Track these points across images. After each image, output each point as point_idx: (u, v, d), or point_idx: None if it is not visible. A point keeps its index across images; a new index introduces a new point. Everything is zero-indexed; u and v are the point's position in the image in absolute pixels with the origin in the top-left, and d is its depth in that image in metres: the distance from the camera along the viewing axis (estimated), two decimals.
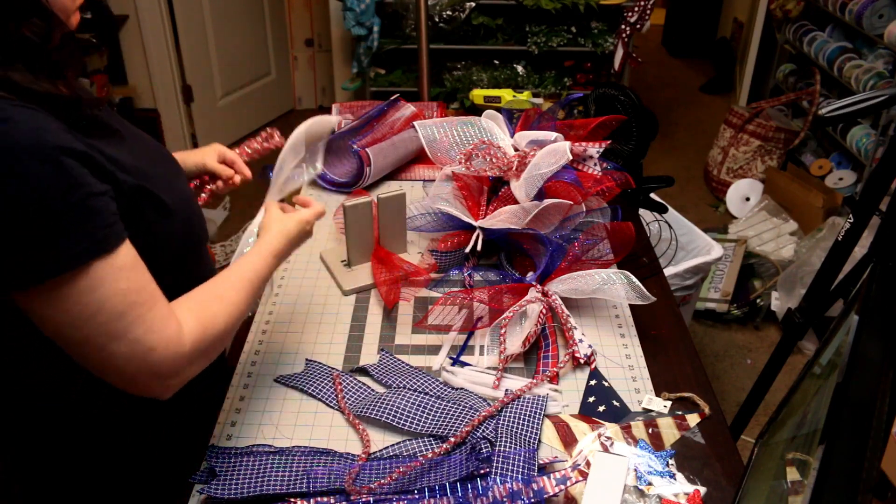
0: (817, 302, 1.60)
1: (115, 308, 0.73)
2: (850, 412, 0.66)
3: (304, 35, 4.23)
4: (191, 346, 0.79)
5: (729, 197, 3.42)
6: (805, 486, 0.65)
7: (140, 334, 0.74)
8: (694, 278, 2.16)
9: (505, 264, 1.30)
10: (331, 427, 1.00)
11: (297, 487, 0.88)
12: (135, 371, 0.76)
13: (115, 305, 0.73)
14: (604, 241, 1.24)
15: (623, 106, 1.58)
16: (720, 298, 2.67)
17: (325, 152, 1.57)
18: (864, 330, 0.78)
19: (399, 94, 1.76)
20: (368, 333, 1.18)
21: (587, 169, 1.39)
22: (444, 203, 1.35)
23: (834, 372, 0.76)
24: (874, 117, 2.98)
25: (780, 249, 2.83)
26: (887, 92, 1.33)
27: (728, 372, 2.52)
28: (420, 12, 2.24)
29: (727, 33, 4.86)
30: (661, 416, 1.02)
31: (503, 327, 1.12)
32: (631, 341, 1.17)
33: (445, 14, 3.55)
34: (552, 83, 3.69)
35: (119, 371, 0.76)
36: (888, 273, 1.16)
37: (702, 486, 0.91)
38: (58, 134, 0.70)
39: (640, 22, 2.56)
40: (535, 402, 1.02)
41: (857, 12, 2.97)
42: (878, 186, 1.41)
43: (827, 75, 3.30)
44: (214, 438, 0.98)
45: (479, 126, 1.46)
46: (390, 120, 1.66)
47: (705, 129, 4.21)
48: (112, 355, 0.74)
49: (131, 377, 0.76)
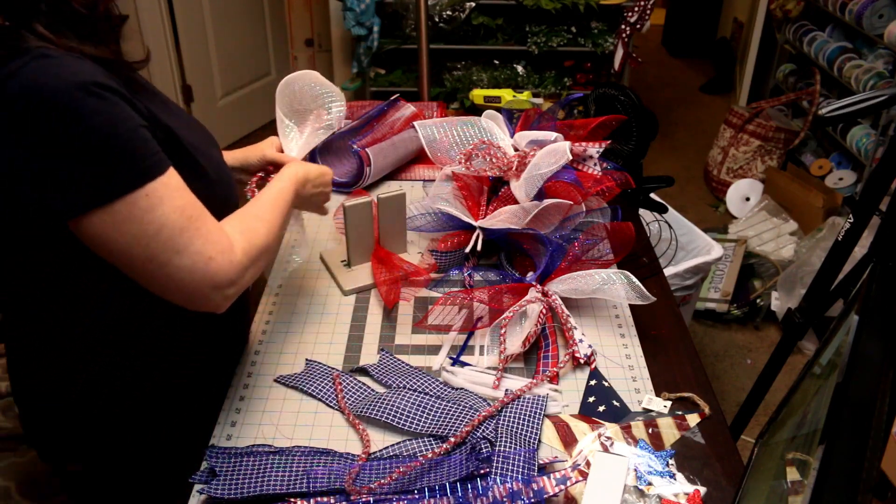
0: (817, 302, 1.60)
1: (176, 223, 0.79)
2: (850, 412, 0.66)
3: (304, 35, 4.23)
4: (241, 254, 0.86)
5: (729, 197, 3.42)
6: (805, 486, 0.65)
7: (200, 246, 0.81)
8: (694, 278, 2.16)
9: (505, 264, 1.30)
10: (331, 427, 1.00)
11: (297, 487, 0.88)
12: (198, 282, 0.82)
13: (176, 221, 0.79)
14: (604, 241, 1.24)
15: (623, 106, 1.58)
16: (720, 298, 2.67)
17: (325, 152, 1.57)
18: (864, 330, 0.78)
19: (399, 94, 1.76)
20: (368, 333, 1.18)
21: (587, 169, 1.39)
22: (444, 203, 1.35)
23: (834, 372, 0.76)
24: (874, 117, 2.98)
25: (780, 249, 2.83)
26: (887, 92, 1.33)
27: (728, 372, 2.52)
28: (420, 12, 2.24)
29: (727, 33, 4.86)
30: (661, 416, 1.03)
31: (503, 327, 1.12)
32: (631, 341, 1.17)
33: (445, 14, 3.55)
34: (552, 83, 3.69)
35: (182, 285, 0.82)
36: (888, 273, 1.16)
37: (702, 486, 0.91)
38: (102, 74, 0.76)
39: (640, 22, 2.56)
40: (535, 402, 1.02)
41: (857, 12, 2.97)
42: (878, 186, 1.41)
43: (827, 75, 3.30)
44: (214, 438, 0.98)
45: (479, 126, 1.46)
46: (390, 120, 1.66)
47: (705, 129, 4.21)
48: (177, 269, 0.80)
49: (194, 289, 0.82)
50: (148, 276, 0.81)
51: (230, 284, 0.85)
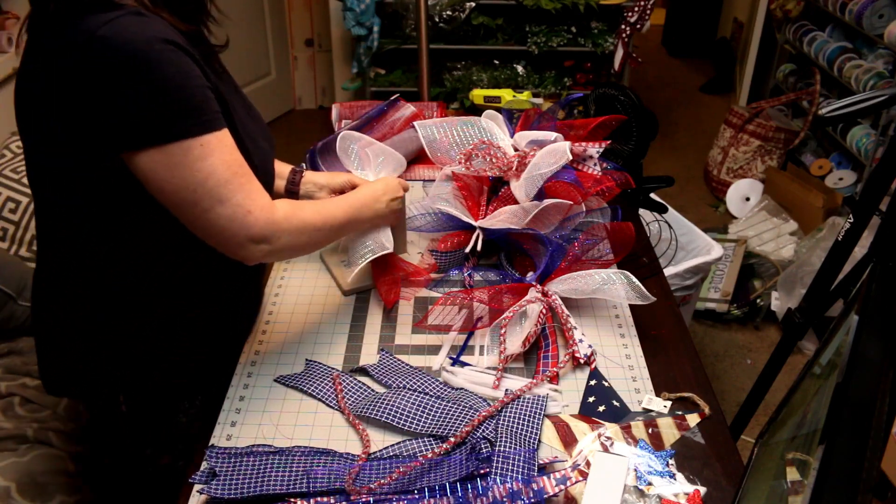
0: (817, 302, 1.60)
1: (222, 175, 0.88)
2: (850, 412, 0.66)
3: (304, 35, 4.23)
4: (282, 217, 0.95)
5: (729, 197, 3.42)
6: (805, 486, 0.65)
7: (241, 199, 0.90)
8: (694, 278, 2.16)
9: (505, 264, 1.30)
10: (331, 427, 1.00)
11: (297, 487, 0.88)
12: (235, 231, 0.91)
13: (223, 173, 0.88)
14: (604, 241, 1.24)
15: (623, 106, 1.58)
16: (720, 298, 2.67)
17: (326, 152, 1.57)
18: (864, 330, 0.77)
19: (399, 94, 1.76)
20: (368, 333, 1.18)
21: (587, 169, 1.39)
22: (444, 203, 1.35)
23: (834, 372, 0.76)
24: (874, 117, 2.98)
25: (780, 249, 2.83)
26: (887, 92, 1.33)
27: (728, 372, 2.52)
28: (420, 12, 2.24)
29: (727, 33, 4.86)
30: (661, 416, 1.02)
31: (503, 327, 1.12)
32: (631, 341, 1.17)
33: (445, 14, 3.55)
34: (552, 83, 3.69)
35: (221, 231, 0.91)
36: (888, 273, 1.16)
37: (702, 486, 0.91)
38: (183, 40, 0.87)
39: (640, 22, 2.56)
40: (535, 402, 1.02)
41: (857, 12, 2.97)
42: (878, 186, 1.41)
43: (827, 75, 3.30)
44: (214, 438, 0.98)
45: (479, 126, 1.46)
46: (390, 120, 1.66)
47: (705, 129, 4.21)
48: (218, 216, 0.90)
49: (231, 237, 0.92)
50: (192, 219, 0.91)
51: (264, 240, 0.94)
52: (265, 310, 1.23)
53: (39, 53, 0.88)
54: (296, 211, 0.99)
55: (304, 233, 1.00)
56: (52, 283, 1.03)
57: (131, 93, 0.82)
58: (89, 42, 0.81)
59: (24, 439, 1.48)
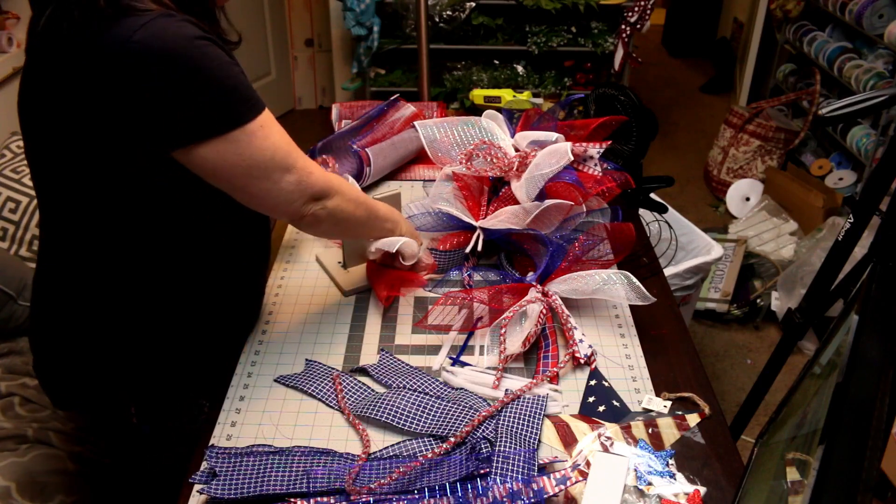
0: (817, 302, 1.60)
1: (283, 147, 0.94)
2: (850, 412, 0.66)
3: (304, 35, 4.23)
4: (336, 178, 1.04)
5: (729, 197, 3.42)
6: (805, 486, 0.65)
7: (303, 163, 0.97)
8: (694, 278, 2.16)
9: (505, 264, 1.30)
10: (331, 427, 1.00)
11: (297, 487, 0.88)
12: (301, 192, 0.97)
13: (283, 145, 0.94)
14: (604, 242, 1.24)
15: (623, 106, 1.58)
16: (720, 298, 2.67)
17: (325, 152, 1.57)
18: (864, 330, 0.77)
19: (399, 94, 1.76)
20: (368, 333, 1.18)
21: (587, 169, 1.39)
22: (445, 203, 1.34)
23: (834, 372, 0.76)
24: (874, 117, 2.98)
25: (780, 249, 2.83)
26: (887, 92, 1.33)
27: (728, 372, 2.52)
28: (420, 12, 2.24)
29: (727, 33, 4.86)
30: (661, 416, 1.02)
31: (503, 327, 1.12)
32: (631, 341, 1.17)
33: (445, 14, 3.55)
34: (552, 83, 3.69)
35: (287, 196, 0.96)
36: (888, 273, 1.16)
37: (702, 486, 0.91)
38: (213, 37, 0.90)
39: (640, 22, 2.57)
40: (535, 402, 1.02)
41: (857, 12, 2.97)
42: (878, 186, 1.41)
43: (827, 75, 3.30)
44: (214, 438, 0.98)
45: (480, 126, 1.46)
46: (390, 120, 1.66)
47: (705, 129, 4.21)
48: (287, 183, 0.95)
49: (295, 199, 0.97)
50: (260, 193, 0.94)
51: (324, 195, 1.00)
52: (265, 310, 1.23)
53: (56, 60, 0.86)
54: (342, 184, 1.05)
55: (352, 201, 1.06)
56: (53, 284, 1.03)
57: (184, 91, 0.84)
58: (125, 48, 0.81)
59: (24, 439, 1.48)
